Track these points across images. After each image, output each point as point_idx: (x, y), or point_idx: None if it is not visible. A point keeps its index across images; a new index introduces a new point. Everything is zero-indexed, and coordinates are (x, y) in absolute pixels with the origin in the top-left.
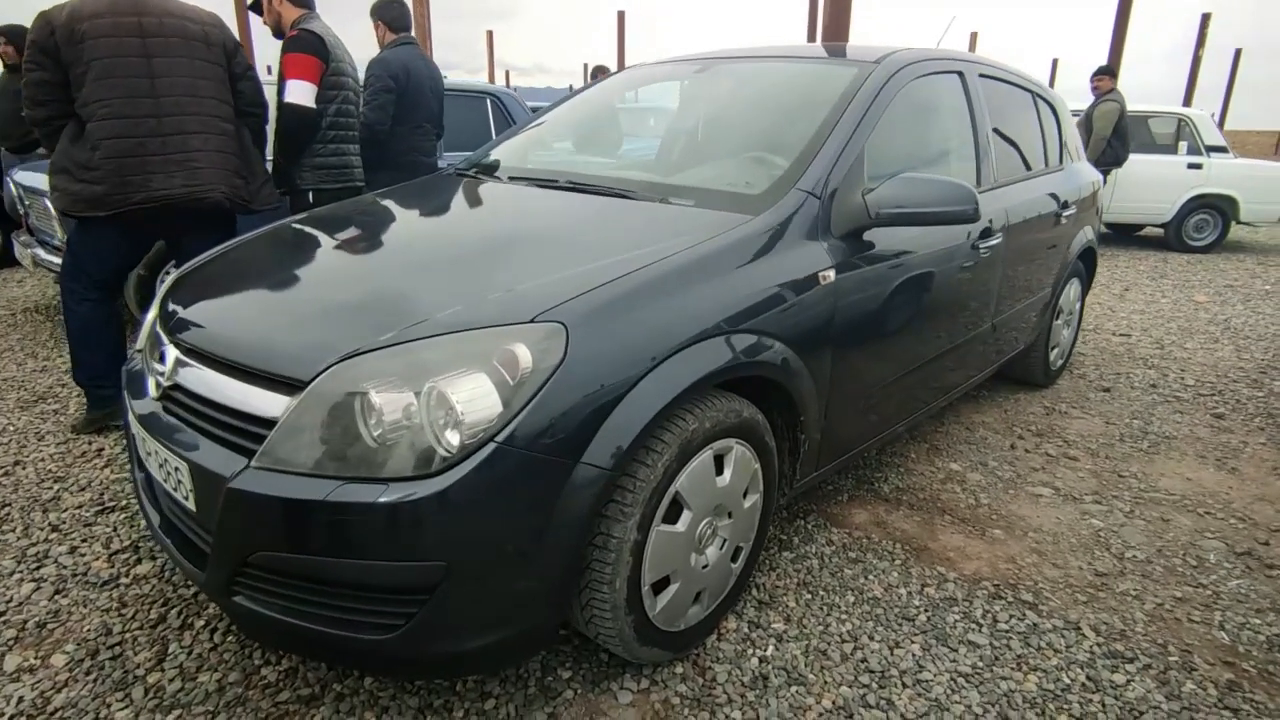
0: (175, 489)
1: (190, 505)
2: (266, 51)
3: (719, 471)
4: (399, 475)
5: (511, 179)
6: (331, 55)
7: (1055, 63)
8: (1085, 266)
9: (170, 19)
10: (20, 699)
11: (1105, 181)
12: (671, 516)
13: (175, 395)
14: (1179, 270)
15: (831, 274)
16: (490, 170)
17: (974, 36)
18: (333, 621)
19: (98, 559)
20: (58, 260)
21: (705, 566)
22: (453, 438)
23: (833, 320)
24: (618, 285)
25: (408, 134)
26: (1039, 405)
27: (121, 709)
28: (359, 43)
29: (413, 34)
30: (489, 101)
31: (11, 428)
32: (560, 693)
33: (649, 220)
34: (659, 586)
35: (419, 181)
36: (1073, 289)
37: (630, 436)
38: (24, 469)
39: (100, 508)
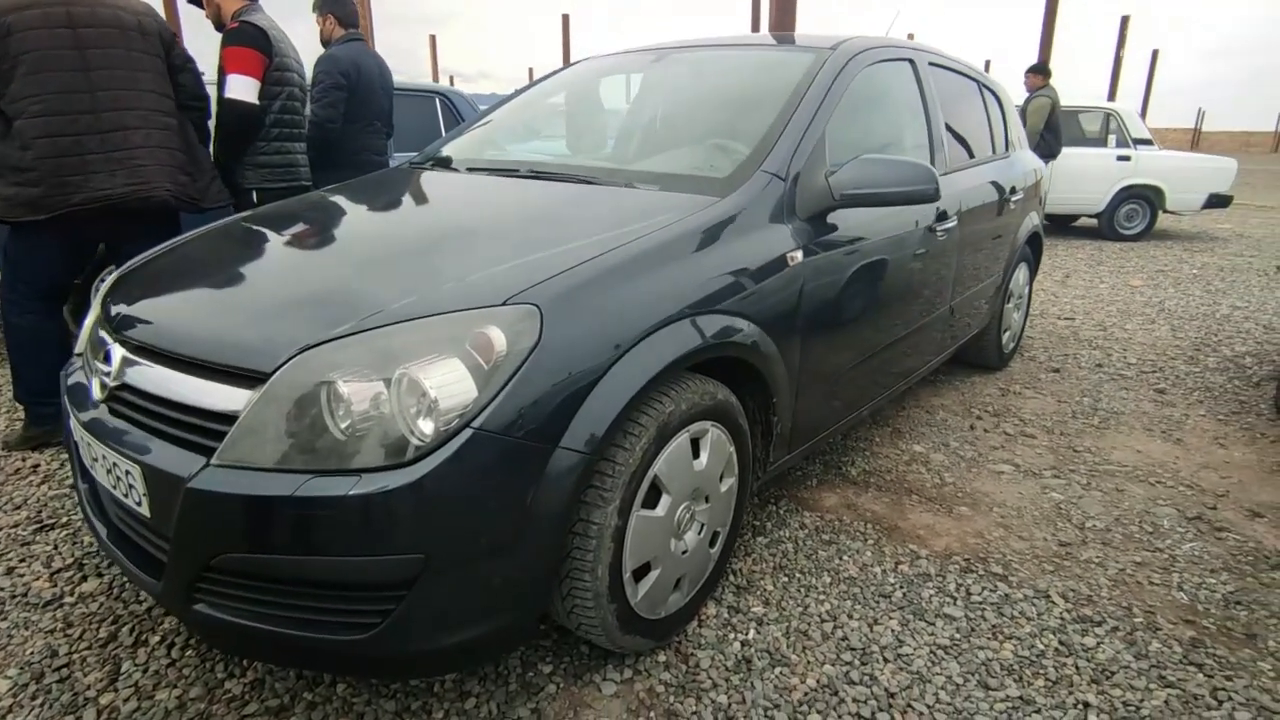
0: (126, 495)
1: (144, 511)
2: (204, 48)
3: (695, 455)
4: (370, 466)
5: (470, 170)
6: (275, 49)
7: (988, 64)
8: (1032, 251)
9: (103, 8)
10: None
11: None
12: (651, 501)
13: (123, 396)
14: (1114, 257)
15: (799, 255)
16: (447, 163)
17: (909, 37)
18: (303, 624)
19: (38, 578)
20: None
21: (685, 552)
22: (426, 425)
23: (801, 302)
24: (590, 266)
25: (359, 133)
26: (994, 387)
27: None
28: (301, 40)
29: (360, 31)
30: (438, 101)
31: None
32: (542, 688)
33: (616, 204)
34: (640, 574)
35: (373, 176)
36: (1021, 273)
37: (609, 419)
38: None
39: (38, 525)
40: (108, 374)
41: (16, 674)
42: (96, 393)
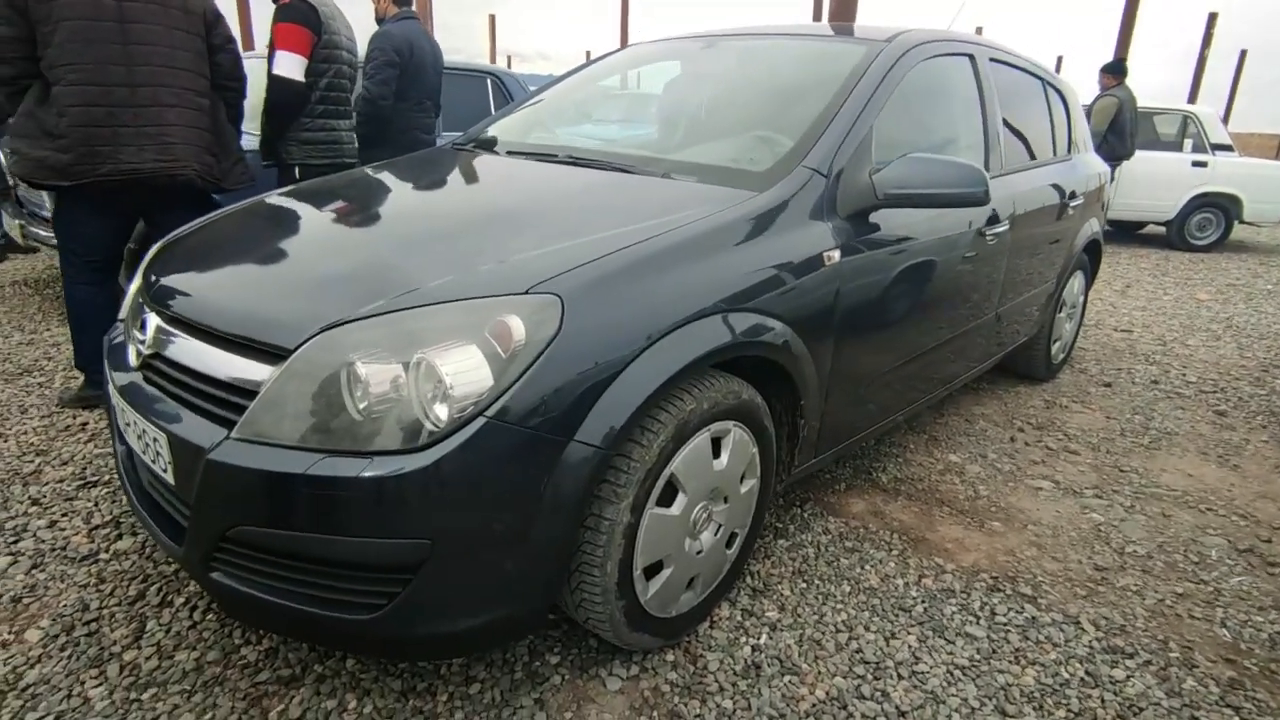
0: (154, 461)
1: (169, 478)
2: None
3: (716, 454)
4: (384, 449)
5: (510, 153)
6: (325, 26)
7: (1060, 60)
8: (1090, 259)
9: None
10: None
11: (1111, 178)
12: (666, 499)
13: (156, 365)
14: (1180, 268)
15: (836, 254)
16: (488, 145)
17: (978, 31)
18: (313, 600)
19: (77, 534)
20: (45, 233)
21: (699, 552)
22: (441, 411)
23: (837, 303)
24: (616, 258)
25: (409, 110)
26: (1039, 399)
27: (95, 686)
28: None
29: (414, 7)
30: (489, 81)
31: None
32: (548, 678)
33: (650, 195)
34: (651, 571)
35: (413, 156)
36: (1076, 282)
37: (625, 415)
38: (5, 442)
39: (82, 482)
40: (143, 342)
41: (49, 625)
42: (132, 360)
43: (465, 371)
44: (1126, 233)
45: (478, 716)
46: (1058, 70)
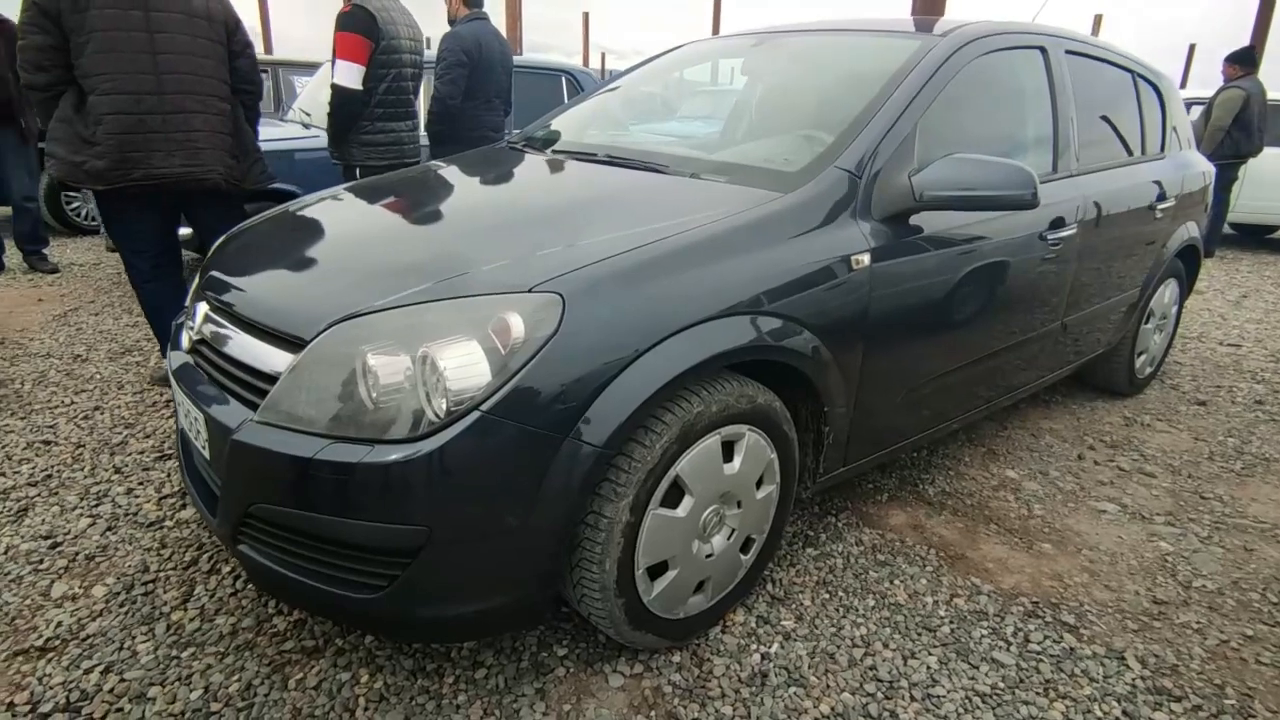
0: (196, 438)
1: (206, 454)
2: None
3: (728, 458)
4: (386, 438)
5: (555, 152)
6: (383, 33)
7: (1192, 48)
8: (1186, 266)
9: None
10: (59, 623)
11: (1235, 176)
12: (672, 501)
13: (201, 350)
14: None
15: (866, 258)
16: (538, 143)
17: (1098, 19)
18: (322, 577)
19: (149, 501)
20: None
21: (709, 555)
22: (440, 404)
23: (867, 308)
24: (623, 259)
25: (478, 109)
26: (1118, 415)
27: (144, 641)
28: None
29: (484, 8)
30: (564, 79)
31: (98, 376)
32: (552, 669)
33: (673, 196)
34: (656, 571)
35: (463, 154)
36: (1168, 290)
37: (624, 414)
38: (101, 414)
39: (159, 454)
40: (192, 328)
41: (113, 582)
42: (185, 343)
43: (464, 366)
44: (1252, 237)
45: (480, 700)
46: (1190, 58)
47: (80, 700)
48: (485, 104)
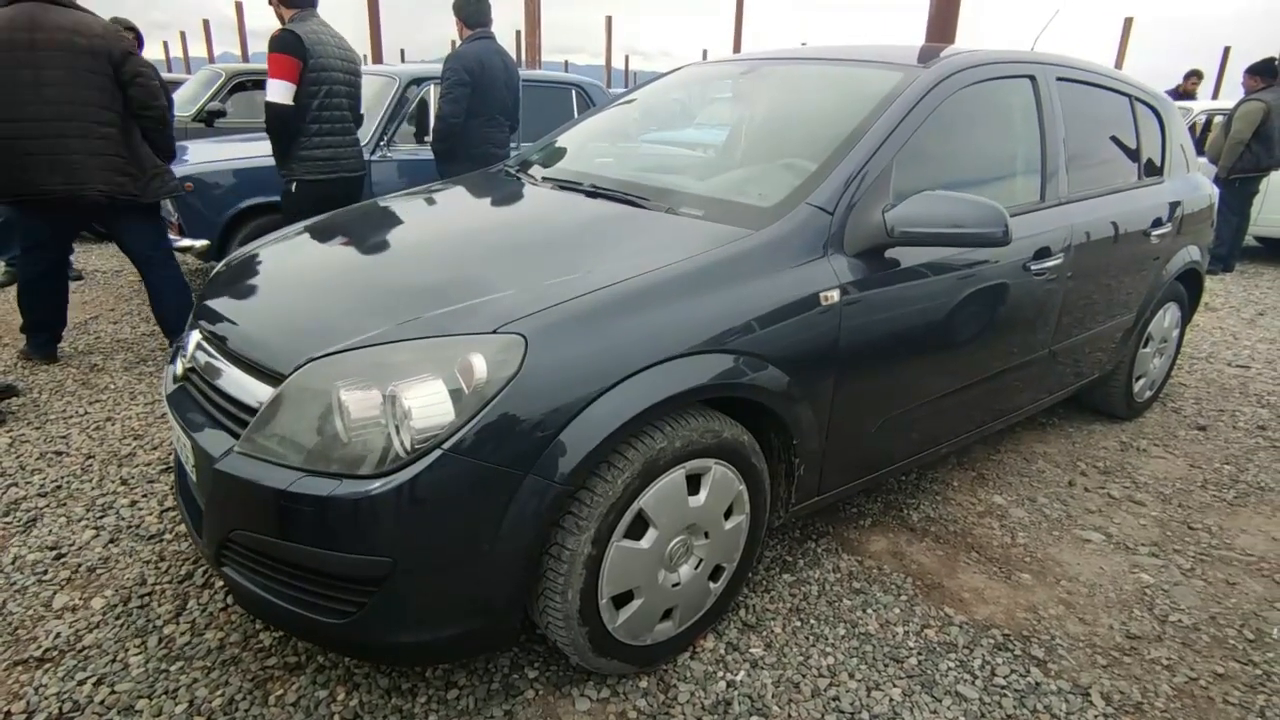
0: (186, 461)
1: (194, 478)
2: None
3: (694, 491)
4: (355, 473)
5: (544, 179)
6: (311, 53)
7: (1227, 51)
8: (1187, 289)
9: (61, 33)
10: (58, 634)
11: (1257, 189)
12: (636, 533)
13: (192, 378)
14: None
15: (835, 294)
16: (530, 169)
17: (1128, 22)
18: (297, 601)
19: (151, 514)
20: (171, 236)
21: (676, 585)
22: (406, 440)
23: (837, 343)
24: (588, 300)
25: (481, 126)
26: (1114, 439)
27: (136, 654)
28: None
29: (490, 29)
30: (574, 92)
31: (112, 386)
32: (522, 691)
33: (646, 232)
34: (622, 600)
35: (458, 180)
36: (1168, 315)
37: (584, 452)
38: (113, 425)
39: (165, 467)
40: (185, 356)
41: (111, 594)
42: (178, 369)
43: (430, 405)
44: (1276, 251)
45: None
46: (1224, 61)
47: (72, 711)
48: (489, 121)
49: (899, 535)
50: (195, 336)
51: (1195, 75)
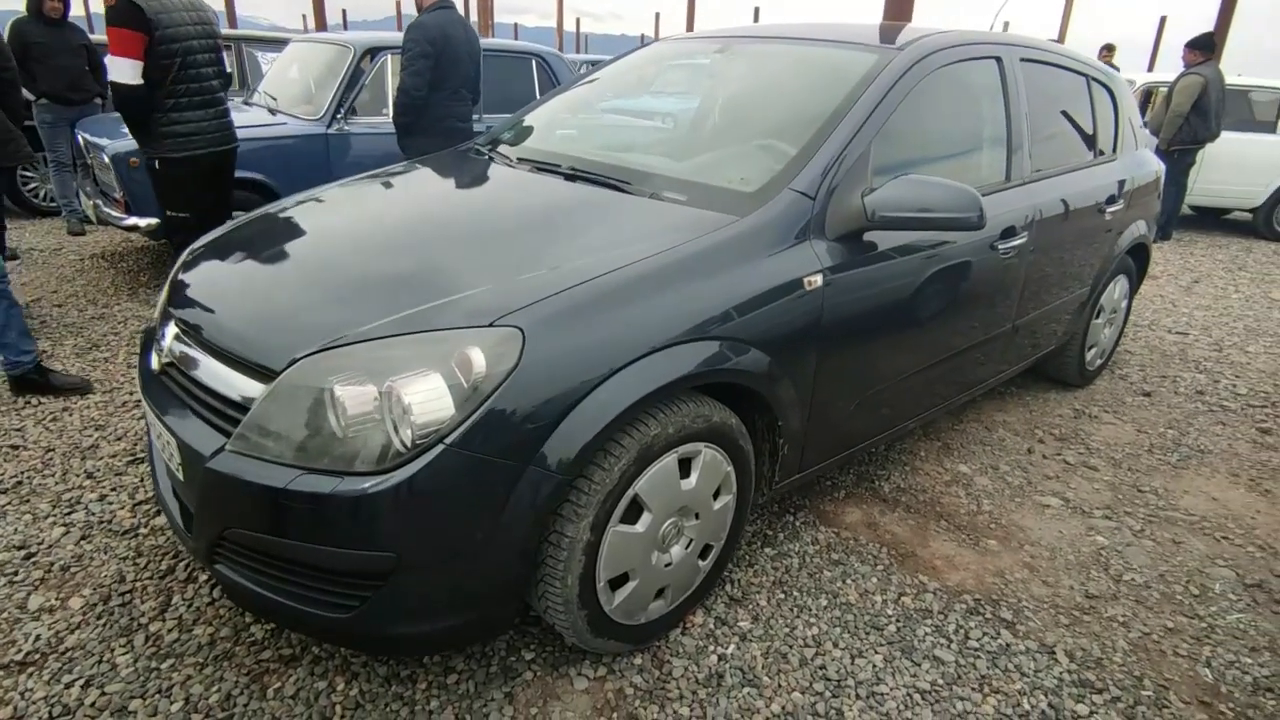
0: (169, 460)
1: (180, 476)
2: None
3: (685, 474)
4: (355, 469)
5: (519, 160)
6: (155, 23)
7: (1163, 20)
8: (1135, 262)
9: None
10: (37, 637)
11: (1194, 161)
12: (631, 517)
13: (171, 372)
14: (1261, 262)
15: (818, 279)
16: (505, 148)
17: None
18: (297, 596)
19: (123, 508)
20: (117, 213)
21: (669, 565)
22: (406, 436)
23: (819, 325)
24: (583, 290)
25: (445, 100)
26: (1068, 407)
27: (123, 654)
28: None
29: None
30: (534, 63)
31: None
32: (520, 673)
33: (634, 218)
34: (618, 582)
35: (432, 159)
36: (1118, 287)
37: (582, 441)
38: (70, 415)
39: (132, 458)
40: (162, 350)
41: (90, 593)
42: (155, 363)
43: (429, 400)
44: (1209, 219)
45: (452, 706)
46: (1161, 30)
47: (63, 715)
48: (453, 94)
49: (872, 506)
50: (170, 329)
51: (1108, 49)
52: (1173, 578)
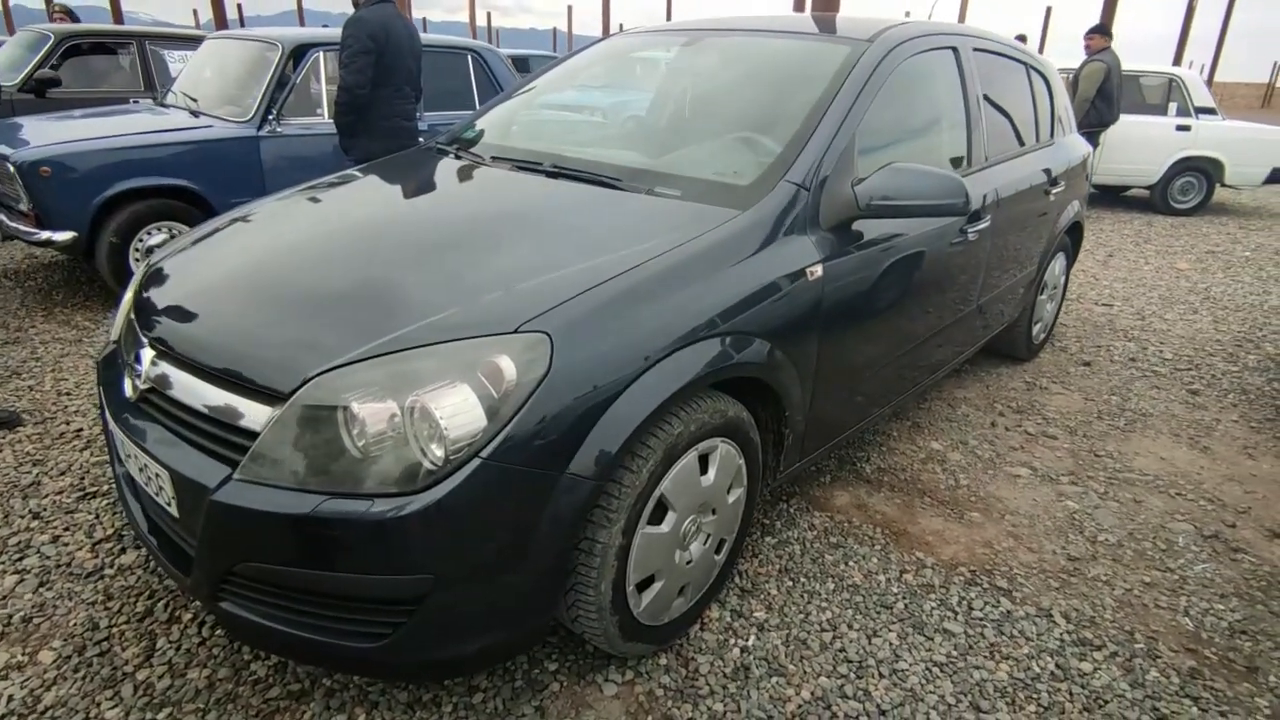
0: (157, 494)
1: (173, 511)
2: None
3: (704, 471)
4: (384, 490)
5: (495, 159)
6: None
7: (1049, 11)
8: (1072, 240)
9: None
10: (11, 697)
11: (1098, 142)
12: (656, 518)
13: (152, 399)
14: (1163, 235)
15: (819, 269)
16: (473, 146)
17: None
18: (320, 629)
19: (81, 548)
20: (27, 228)
21: (689, 562)
22: (437, 452)
23: (819, 313)
24: (603, 290)
25: (389, 98)
26: (1020, 380)
27: (111, 708)
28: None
29: None
30: (470, 58)
31: None
32: (546, 685)
33: (635, 215)
34: (644, 585)
35: (400, 159)
36: (1058, 264)
37: (616, 445)
38: (1, 452)
39: (81, 493)
40: (139, 375)
41: (61, 645)
42: (129, 391)
43: (459, 413)
44: (1111, 196)
45: None
46: (1047, 20)
47: None
48: (396, 91)
49: (858, 488)
50: (147, 353)
51: (1020, 39)
52: (1140, 535)
